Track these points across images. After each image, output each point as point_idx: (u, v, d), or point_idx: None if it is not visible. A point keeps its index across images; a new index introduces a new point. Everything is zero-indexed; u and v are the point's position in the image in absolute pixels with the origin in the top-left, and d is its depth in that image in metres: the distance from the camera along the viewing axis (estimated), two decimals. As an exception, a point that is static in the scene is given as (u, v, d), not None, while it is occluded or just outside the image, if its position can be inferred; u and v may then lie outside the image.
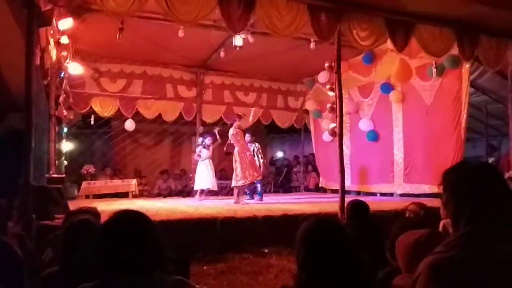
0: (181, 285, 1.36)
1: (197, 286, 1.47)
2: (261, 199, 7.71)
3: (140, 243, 1.31)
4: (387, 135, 8.68)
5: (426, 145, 7.73)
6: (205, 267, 4.33)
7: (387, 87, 8.41)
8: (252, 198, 7.94)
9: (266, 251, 4.93)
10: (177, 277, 1.38)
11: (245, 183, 7.62)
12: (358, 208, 3.60)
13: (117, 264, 1.28)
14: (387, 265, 2.19)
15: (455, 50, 6.23)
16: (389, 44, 6.16)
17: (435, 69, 7.19)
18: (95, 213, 2.40)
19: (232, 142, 7.72)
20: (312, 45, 6.81)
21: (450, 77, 7.21)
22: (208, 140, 8.62)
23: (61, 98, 7.65)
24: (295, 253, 1.53)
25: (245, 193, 8.05)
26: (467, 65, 6.82)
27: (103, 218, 1.40)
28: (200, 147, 8.66)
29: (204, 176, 8.46)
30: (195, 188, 8.79)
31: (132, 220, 1.37)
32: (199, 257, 4.62)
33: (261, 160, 8.28)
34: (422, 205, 3.53)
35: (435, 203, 4.45)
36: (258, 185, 7.91)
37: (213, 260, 4.59)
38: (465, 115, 6.96)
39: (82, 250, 1.68)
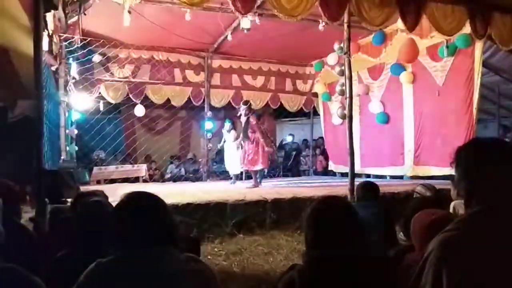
0: (192, 262, 1.38)
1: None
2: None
3: (153, 219, 1.35)
4: (398, 117, 8.57)
5: (437, 126, 7.63)
6: (215, 249, 4.39)
7: (397, 68, 8.27)
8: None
9: (276, 233, 4.98)
10: (189, 254, 1.41)
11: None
12: (368, 189, 3.59)
13: (130, 240, 1.32)
14: (397, 244, 2.20)
15: (467, 29, 6.08)
16: (399, 24, 6.03)
17: (446, 49, 7.03)
18: (102, 195, 2.43)
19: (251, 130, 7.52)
20: (321, 27, 6.70)
21: (462, 57, 7.04)
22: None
23: (70, 84, 7.69)
24: (304, 233, 1.53)
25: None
26: (480, 44, 6.66)
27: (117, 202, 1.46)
28: (232, 131, 8.28)
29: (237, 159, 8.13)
30: (232, 173, 8.50)
31: (144, 198, 1.42)
32: (210, 239, 4.69)
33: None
34: (430, 186, 3.52)
35: (446, 185, 4.43)
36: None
37: (223, 241, 4.66)
38: (477, 96, 6.82)
39: (95, 231, 1.71)
